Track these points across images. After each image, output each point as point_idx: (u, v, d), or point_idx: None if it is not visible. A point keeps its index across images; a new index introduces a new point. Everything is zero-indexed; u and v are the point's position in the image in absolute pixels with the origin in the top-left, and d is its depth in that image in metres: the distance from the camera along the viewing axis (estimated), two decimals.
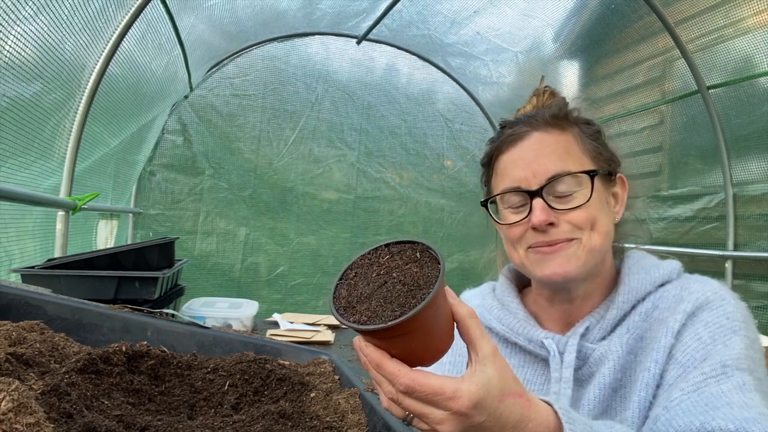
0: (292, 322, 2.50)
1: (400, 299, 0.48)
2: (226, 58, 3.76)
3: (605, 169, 0.83)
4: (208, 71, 3.73)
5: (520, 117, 0.87)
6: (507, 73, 3.82)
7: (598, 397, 0.77)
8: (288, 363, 0.96)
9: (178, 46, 2.85)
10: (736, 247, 2.68)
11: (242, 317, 2.17)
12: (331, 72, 4.04)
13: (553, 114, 0.84)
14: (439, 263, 0.50)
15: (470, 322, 0.54)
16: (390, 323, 0.46)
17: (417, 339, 0.50)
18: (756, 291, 2.60)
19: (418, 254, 0.52)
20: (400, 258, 0.53)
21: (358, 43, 3.99)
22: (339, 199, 4.08)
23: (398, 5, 3.38)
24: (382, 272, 0.52)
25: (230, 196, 3.82)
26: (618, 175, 0.86)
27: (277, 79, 3.91)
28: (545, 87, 0.90)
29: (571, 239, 0.79)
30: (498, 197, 0.85)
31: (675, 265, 0.84)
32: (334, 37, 3.99)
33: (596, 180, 0.80)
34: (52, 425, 0.55)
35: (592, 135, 0.84)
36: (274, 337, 2.06)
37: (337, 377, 0.92)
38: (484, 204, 0.88)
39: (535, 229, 0.80)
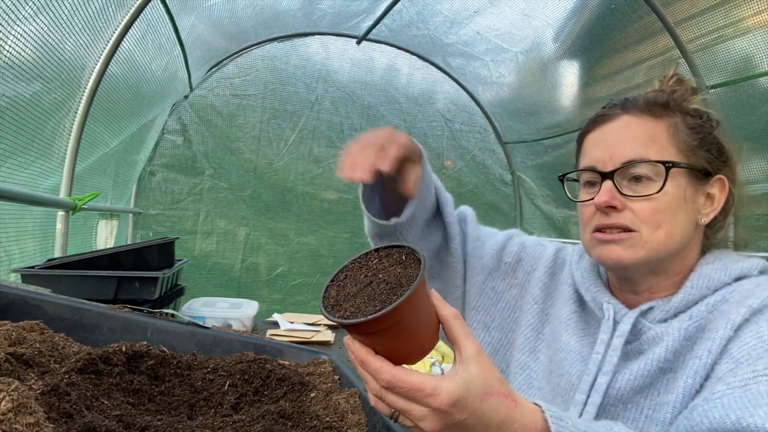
0: (292, 322, 2.50)
1: (382, 296, 0.51)
2: (226, 58, 3.76)
3: (698, 165, 0.78)
4: (208, 71, 3.72)
5: (620, 99, 0.85)
6: (507, 73, 3.81)
7: (642, 371, 0.75)
8: (288, 363, 0.96)
9: (178, 46, 2.84)
10: (736, 248, 2.67)
11: (242, 317, 2.17)
12: (331, 72, 4.04)
13: (649, 99, 0.81)
14: (420, 263, 0.53)
15: (454, 323, 0.55)
16: (370, 317, 0.49)
17: (399, 335, 0.52)
18: None
19: (403, 257, 0.56)
20: (387, 261, 0.56)
21: (358, 43, 3.99)
22: (339, 199, 4.07)
23: (398, 5, 3.37)
24: (369, 274, 0.55)
25: (230, 196, 3.82)
26: (718, 176, 0.80)
27: (277, 79, 3.90)
28: (673, 73, 0.86)
29: (631, 230, 0.77)
30: (579, 175, 0.86)
31: (759, 262, 0.80)
32: (334, 37, 3.98)
33: (677, 174, 0.76)
34: (52, 425, 0.55)
35: (694, 127, 0.79)
36: (274, 337, 2.06)
37: (337, 377, 0.92)
38: (561, 179, 0.89)
39: (598, 210, 0.79)
